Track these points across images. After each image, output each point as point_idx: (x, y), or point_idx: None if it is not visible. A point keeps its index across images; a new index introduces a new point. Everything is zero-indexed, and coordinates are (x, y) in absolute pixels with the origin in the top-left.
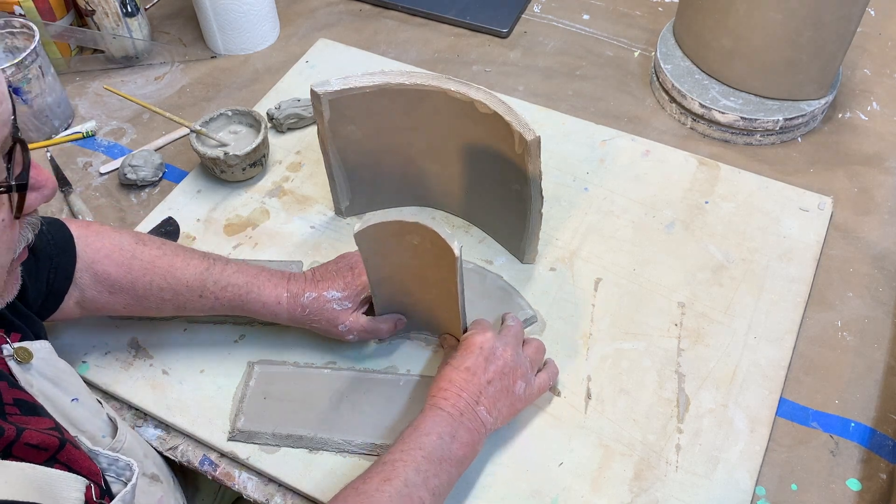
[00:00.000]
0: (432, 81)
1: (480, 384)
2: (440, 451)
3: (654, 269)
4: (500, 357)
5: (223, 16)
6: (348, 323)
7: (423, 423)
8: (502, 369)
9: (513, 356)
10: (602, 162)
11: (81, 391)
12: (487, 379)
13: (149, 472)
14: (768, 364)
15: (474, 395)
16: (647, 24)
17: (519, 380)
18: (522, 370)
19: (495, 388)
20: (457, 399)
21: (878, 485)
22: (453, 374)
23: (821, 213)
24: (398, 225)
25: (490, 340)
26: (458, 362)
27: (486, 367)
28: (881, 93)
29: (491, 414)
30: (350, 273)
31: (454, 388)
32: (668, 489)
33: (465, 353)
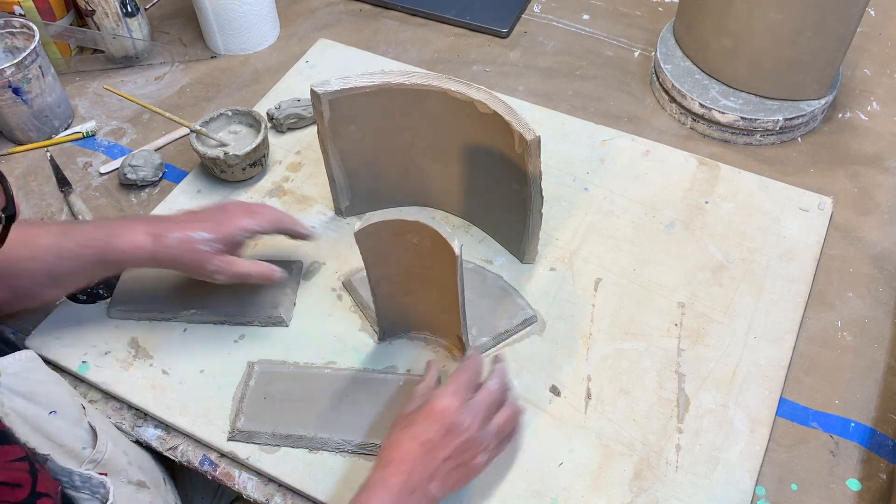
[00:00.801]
0: (432, 81)
1: (437, 461)
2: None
3: (654, 269)
4: (464, 431)
5: (223, 16)
6: (216, 263)
7: (369, 488)
8: (463, 446)
9: (479, 430)
10: (602, 162)
11: (61, 401)
12: (446, 455)
13: (134, 480)
14: (768, 364)
15: (428, 472)
16: (647, 24)
17: (480, 454)
18: (487, 443)
19: (452, 465)
20: (408, 477)
21: (878, 485)
22: (410, 446)
23: (821, 213)
24: (398, 224)
25: (455, 412)
26: (417, 432)
27: (445, 443)
28: (881, 93)
29: (443, 491)
30: (223, 214)
31: (407, 463)
32: (668, 489)
33: (426, 423)
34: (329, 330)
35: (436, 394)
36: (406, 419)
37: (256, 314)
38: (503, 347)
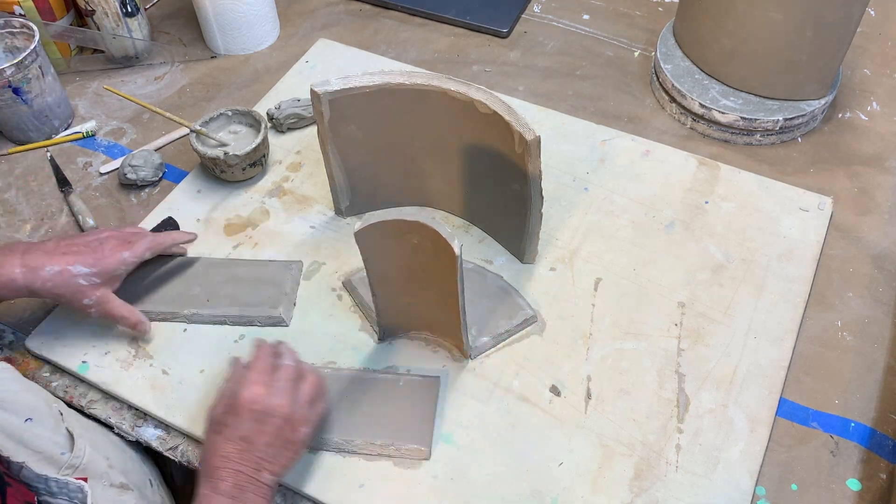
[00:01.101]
0: (432, 81)
1: (259, 451)
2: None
3: (654, 269)
4: (276, 413)
5: (223, 16)
6: (95, 298)
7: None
8: (280, 426)
9: (290, 405)
10: (602, 162)
11: (37, 408)
12: (266, 442)
13: (116, 483)
14: (768, 364)
15: (254, 464)
16: (647, 24)
17: (300, 427)
18: (302, 415)
19: (275, 448)
20: (236, 476)
21: (878, 485)
22: (227, 448)
23: (821, 213)
24: (398, 224)
25: (262, 398)
26: (231, 431)
27: (262, 430)
28: (881, 93)
29: (276, 473)
30: (101, 248)
31: (231, 464)
32: (668, 489)
33: (236, 419)
34: (329, 330)
35: (238, 388)
36: (217, 422)
37: (257, 314)
38: (503, 347)
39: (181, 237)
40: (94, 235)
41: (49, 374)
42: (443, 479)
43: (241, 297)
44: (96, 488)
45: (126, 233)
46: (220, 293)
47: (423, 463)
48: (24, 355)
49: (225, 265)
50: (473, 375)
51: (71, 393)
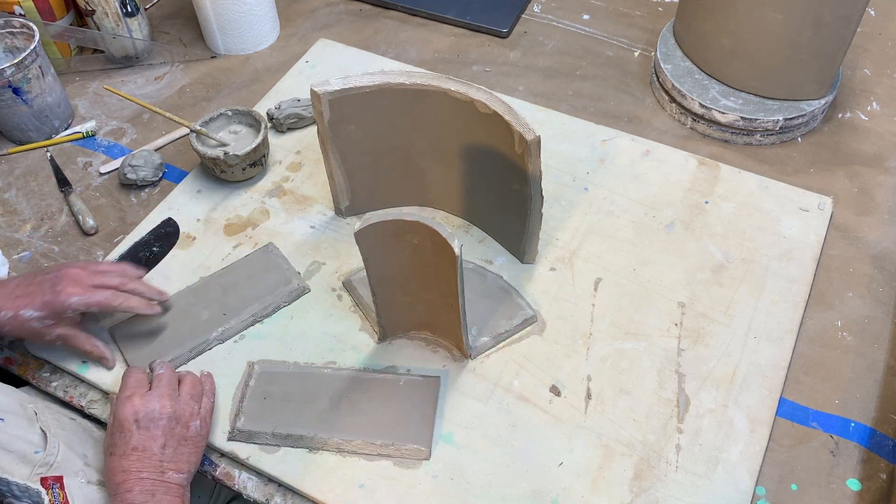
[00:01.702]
0: (432, 81)
1: (154, 455)
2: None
3: (654, 269)
4: (160, 416)
5: (223, 16)
6: (55, 335)
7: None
8: (169, 426)
9: (172, 406)
10: (602, 162)
11: (10, 409)
12: (160, 444)
13: (94, 480)
14: (768, 364)
15: (155, 468)
16: (647, 24)
17: (190, 422)
18: (189, 411)
19: (172, 448)
20: (140, 483)
21: (878, 485)
22: (124, 463)
23: (821, 213)
24: (398, 224)
25: (142, 406)
26: (122, 447)
27: (152, 435)
28: (881, 93)
29: (181, 470)
30: (51, 291)
31: (132, 476)
32: (668, 489)
33: (123, 434)
34: (329, 330)
35: (116, 409)
36: (108, 447)
37: (279, 297)
38: (503, 347)
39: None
40: (55, 272)
41: (49, 374)
42: (443, 479)
43: (252, 293)
44: (73, 486)
45: (88, 272)
46: (231, 303)
47: (423, 463)
48: (24, 355)
49: (211, 280)
50: (473, 375)
51: (71, 393)
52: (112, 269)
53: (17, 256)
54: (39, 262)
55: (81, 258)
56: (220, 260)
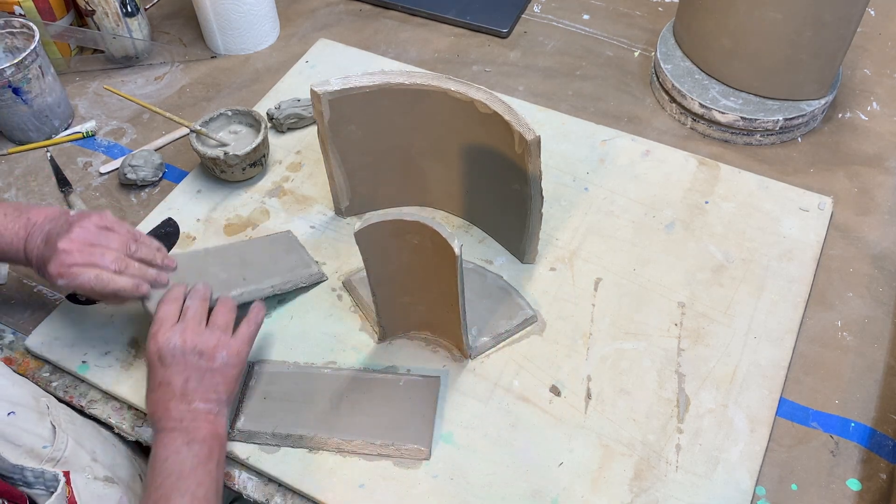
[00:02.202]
0: (432, 81)
1: (179, 388)
2: (187, 463)
3: (654, 269)
4: (181, 350)
5: (223, 16)
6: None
7: (157, 452)
8: (191, 360)
9: (194, 339)
10: (602, 162)
11: (22, 402)
12: (184, 379)
13: (100, 476)
14: (768, 364)
15: (181, 399)
16: (647, 24)
17: (216, 353)
18: (213, 343)
19: (196, 381)
20: (168, 414)
21: (878, 485)
22: (153, 397)
23: (821, 213)
24: (398, 224)
25: (163, 343)
26: (151, 384)
27: (175, 371)
28: (881, 93)
29: (209, 400)
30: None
31: (160, 407)
32: (668, 489)
33: (151, 371)
34: (329, 330)
35: (146, 344)
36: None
37: (298, 277)
38: (503, 347)
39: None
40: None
41: (49, 374)
42: (443, 479)
43: (273, 268)
44: (79, 481)
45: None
46: (250, 272)
47: (423, 463)
48: (24, 355)
49: (231, 248)
50: (473, 375)
51: (71, 393)
52: (119, 235)
53: None
54: None
55: None
56: None
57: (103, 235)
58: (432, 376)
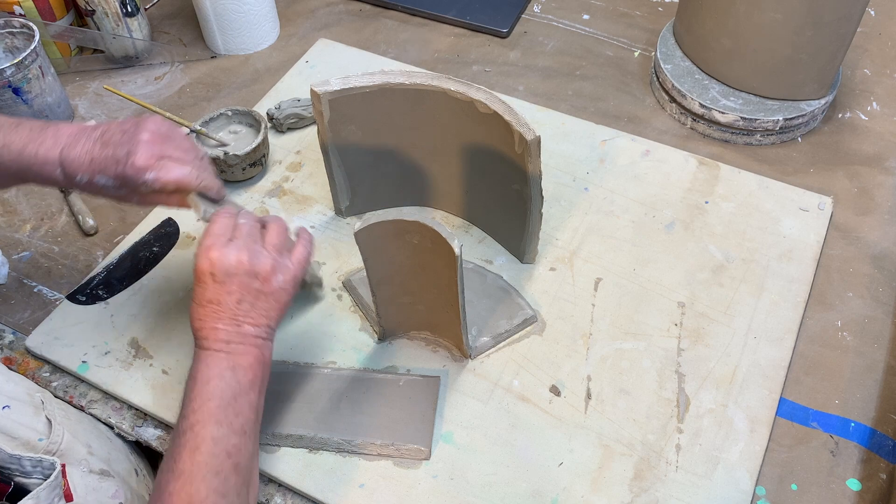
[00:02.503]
0: (432, 81)
1: (229, 308)
2: (229, 390)
3: (654, 269)
4: (236, 270)
5: (223, 16)
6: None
7: (198, 371)
8: (246, 280)
9: (251, 259)
10: (602, 162)
11: (17, 396)
12: (236, 300)
13: (96, 469)
14: (768, 364)
15: (230, 320)
16: (647, 24)
17: (271, 276)
18: (269, 264)
19: (249, 303)
20: (215, 333)
21: (878, 485)
22: (199, 312)
23: (821, 213)
24: (398, 224)
25: (217, 259)
26: (199, 298)
27: (228, 290)
28: (881, 93)
29: (259, 324)
30: (125, 159)
31: (207, 324)
32: (668, 489)
33: (200, 286)
34: (329, 330)
35: (196, 257)
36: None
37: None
38: (503, 347)
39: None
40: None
41: (49, 374)
42: (443, 479)
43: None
44: (75, 474)
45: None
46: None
47: (423, 463)
48: (24, 355)
49: None
50: (473, 375)
51: (71, 393)
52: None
53: (17, 256)
54: (39, 262)
55: (81, 258)
56: None
57: (175, 133)
58: (432, 376)
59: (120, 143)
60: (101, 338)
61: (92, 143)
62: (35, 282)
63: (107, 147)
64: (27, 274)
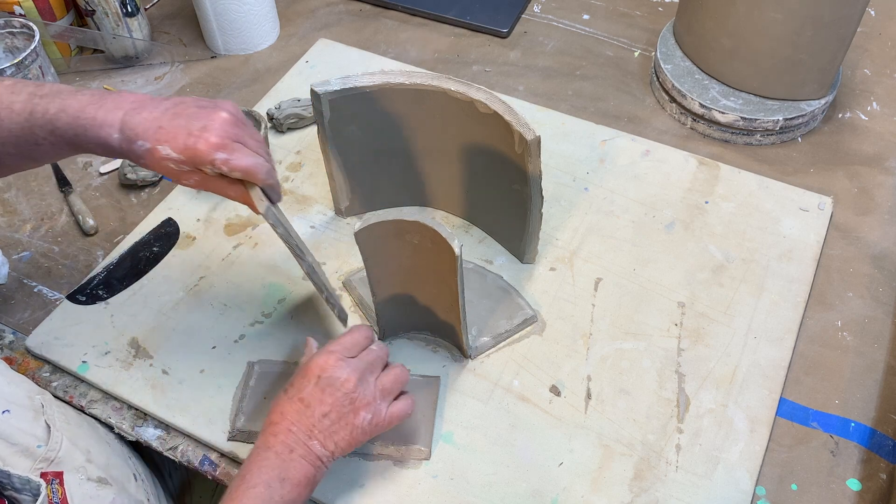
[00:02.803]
0: (432, 81)
1: (314, 418)
2: (269, 502)
3: (654, 269)
4: (340, 387)
5: (223, 16)
6: (192, 181)
7: (249, 471)
8: (341, 401)
9: (357, 385)
10: (602, 162)
11: (17, 400)
12: (323, 412)
13: (94, 477)
14: (768, 364)
15: (306, 429)
16: (647, 24)
17: (362, 411)
18: (367, 400)
19: (331, 421)
20: (286, 435)
21: (878, 485)
22: (286, 407)
23: (821, 213)
24: (398, 224)
25: (331, 367)
26: (294, 391)
27: (322, 399)
28: (881, 93)
29: (326, 447)
30: (197, 133)
31: (285, 422)
32: (668, 489)
33: (302, 381)
34: (329, 330)
35: (315, 354)
36: (288, 384)
37: None
38: (503, 347)
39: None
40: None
41: (49, 374)
42: (443, 479)
43: None
44: (72, 482)
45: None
46: None
47: (423, 463)
48: (24, 355)
49: None
50: (473, 375)
51: (71, 393)
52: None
53: (16, 256)
54: (39, 262)
55: (81, 258)
56: (220, 260)
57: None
58: (432, 376)
59: (195, 115)
60: (101, 338)
61: (161, 112)
62: (35, 282)
63: (179, 118)
64: (27, 274)
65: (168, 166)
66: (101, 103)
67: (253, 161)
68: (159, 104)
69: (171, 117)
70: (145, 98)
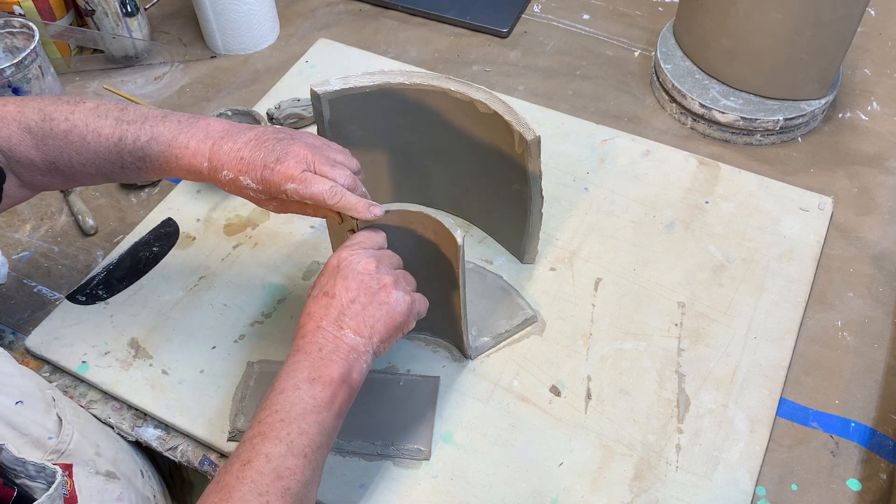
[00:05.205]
0: (432, 81)
1: (342, 306)
2: (300, 404)
3: (654, 269)
4: (361, 271)
5: (223, 16)
6: (271, 206)
7: (279, 377)
8: (367, 282)
9: (378, 267)
10: (602, 162)
11: (29, 391)
12: (350, 298)
13: (102, 470)
14: (768, 364)
15: (335, 320)
16: (647, 24)
17: (393, 289)
18: (393, 281)
19: (362, 305)
20: (315, 333)
21: (878, 485)
22: (312, 306)
23: (821, 213)
24: (401, 215)
25: (349, 256)
26: (317, 290)
27: (346, 286)
28: (881, 93)
29: (362, 335)
30: (273, 165)
31: (313, 321)
32: (668, 489)
33: (322, 278)
34: None
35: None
36: (310, 289)
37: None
38: (503, 347)
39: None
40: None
41: (49, 374)
42: (443, 479)
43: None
44: (81, 475)
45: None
46: None
47: (423, 463)
48: (24, 355)
49: None
50: (473, 375)
51: (71, 393)
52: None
53: (16, 256)
54: (39, 262)
55: (81, 258)
56: (219, 260)
57: (328, 148)
58: (432, 376)
59: (272, 149)
60: (101, 338)
61: (243, 143)
62: (35, 282)
63: (258, 150)
64: (27, 274)
65: (249, 194)
66: (191, 132)
67: (318, 188)
68: (242, 135)
69: (252, 149)
70: (231, 127)
